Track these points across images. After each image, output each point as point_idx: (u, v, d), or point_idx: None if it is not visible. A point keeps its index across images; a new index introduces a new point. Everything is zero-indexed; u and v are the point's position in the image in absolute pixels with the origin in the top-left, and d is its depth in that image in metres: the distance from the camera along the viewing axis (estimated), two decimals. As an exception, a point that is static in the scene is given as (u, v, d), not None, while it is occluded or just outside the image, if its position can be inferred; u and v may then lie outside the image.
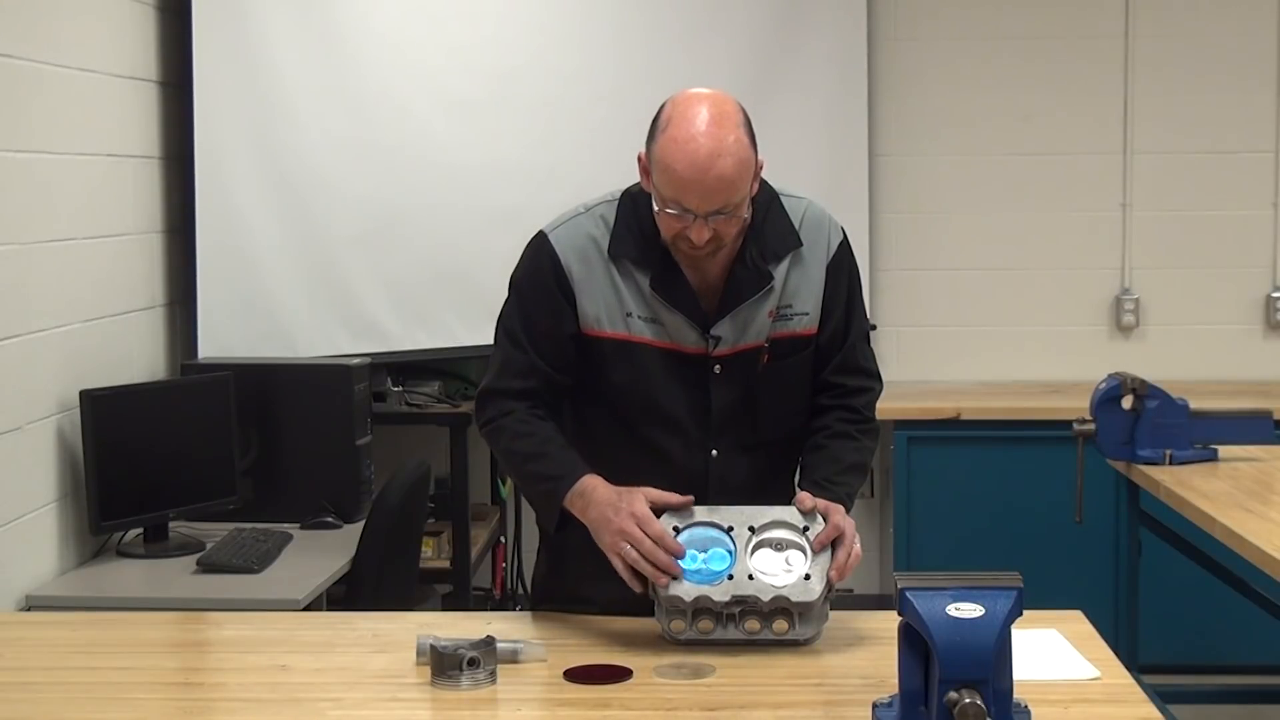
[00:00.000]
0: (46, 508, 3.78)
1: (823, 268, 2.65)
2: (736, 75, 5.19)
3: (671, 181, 2.45)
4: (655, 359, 2.60)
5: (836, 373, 2.69)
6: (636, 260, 2.59)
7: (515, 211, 4.85)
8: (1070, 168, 5.78)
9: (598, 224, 2.62)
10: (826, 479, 2.59)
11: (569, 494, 2.51)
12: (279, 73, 4.74)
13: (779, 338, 2.63)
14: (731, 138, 2.44)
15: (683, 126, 2.44)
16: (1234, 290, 5.78)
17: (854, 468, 2.65)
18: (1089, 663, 2.40)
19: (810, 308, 2.65)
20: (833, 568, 2.45)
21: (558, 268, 2.61)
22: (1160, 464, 3.96)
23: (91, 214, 4.07)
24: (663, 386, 2.61)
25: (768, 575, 2.44)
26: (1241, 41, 5.70)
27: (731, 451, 2.64)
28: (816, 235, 2.66)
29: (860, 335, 2.72)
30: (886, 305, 5.79)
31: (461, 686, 2.30)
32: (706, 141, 2.42)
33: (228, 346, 4.61)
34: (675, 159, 2.43)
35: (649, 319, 2.59)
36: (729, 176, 2.43)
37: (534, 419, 2.61)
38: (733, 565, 2.45)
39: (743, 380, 2.63)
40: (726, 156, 2.43)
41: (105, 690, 2.40)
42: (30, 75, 3.74)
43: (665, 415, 2.62)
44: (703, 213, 2.45)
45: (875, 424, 2.73)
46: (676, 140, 2.44)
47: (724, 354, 2.61)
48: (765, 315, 2.62)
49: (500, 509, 5.55)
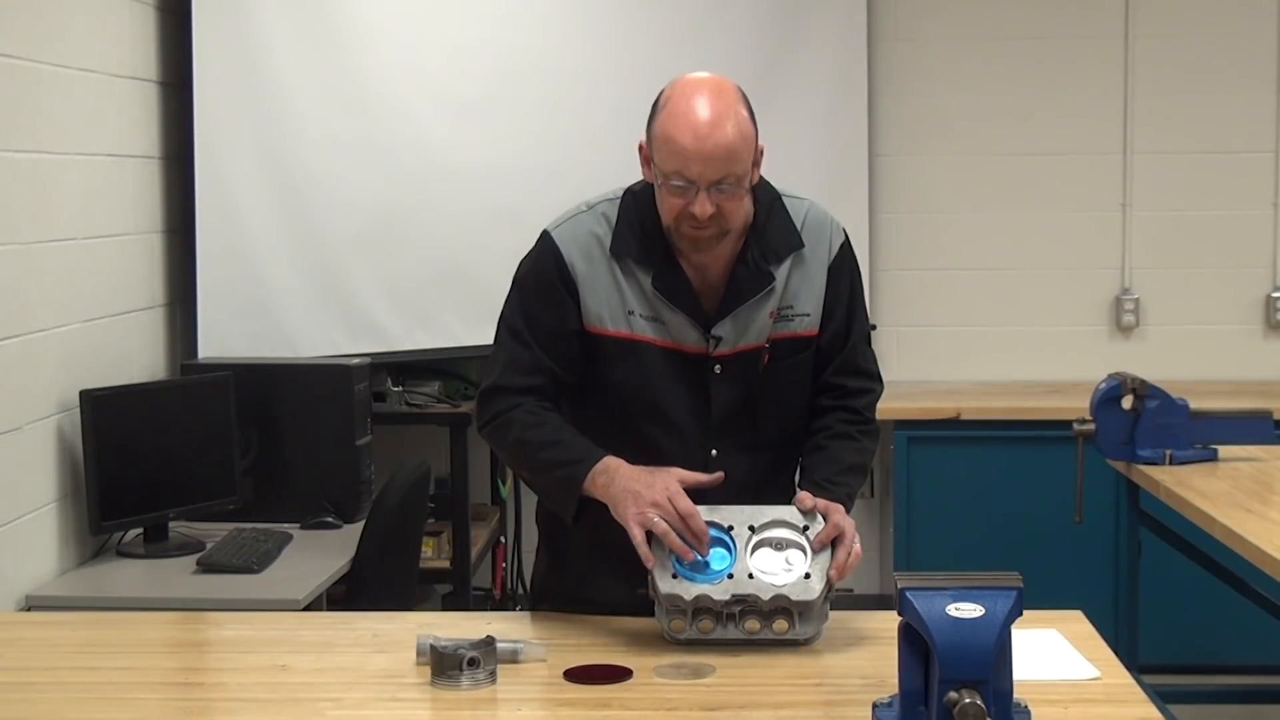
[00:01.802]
0: (46, 508, 3.78)
1: (824, 269, 2.65)
2: (736, 75, 5.10)
3: (673, 153, 2.45)
4: (656, 358, 2.60)
5: (837, 374, 2.69)
6: (639, 258, 2.59)
7: (515, 211, 4.86)
8: (1070, 168, 5.78)
9: (600, 222, 2.62)
10: (827, 479, 2.59)
11: (590, 474, 2.49)
12: (279, 73, 4.74)
13: (780, 338, 2.63)
14: (731, 108, 2.46)
15: (682, 101, 2.47)
16: (1234, 290, 5.78)
17: (854, 468, 2.65)
18: (1089, 663, 2.40)
19: (811, 309, 2.65)
20: (832, 567, 2.45)
21: (561, 264, 2.61)
22: (1160, 464, 3.96)
23: (91, 214, 4.07)
24: (663, 386, 2.61)
25: (768, 574, 2.44)
26: (1241, 41, 5.71)
27: (731, 451, 2.64)
28: (819, 237, 2.66)
29: (861, 337, 2.73)
30: (886, 305, 5.79)
31: (461, 686, 2.30)
32: (707, 112, 2.45)
33: (228, 346, 4.61)
34: (676, 129, 2.45)
35: (650, 318, 2.59)
36: (730, 143, 2.44)
37: (542, 410, 2.60)
38: (733, 564, 2.45)
39: (743, 380, 2.63)
40: (728, 123, 2.44)
41: (105, 690, 2.40)
42: (30, 75, 3.74)
43: (665, 414, 2.62)
44: (705, 183, 2.45)
45: (875, 425, 2.73)
46: (676, 113, 2.46)
47: (724, 354, 2.61)
48: (766, 316, 2.62)
49: (500, 509, 5.55)
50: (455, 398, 5.21)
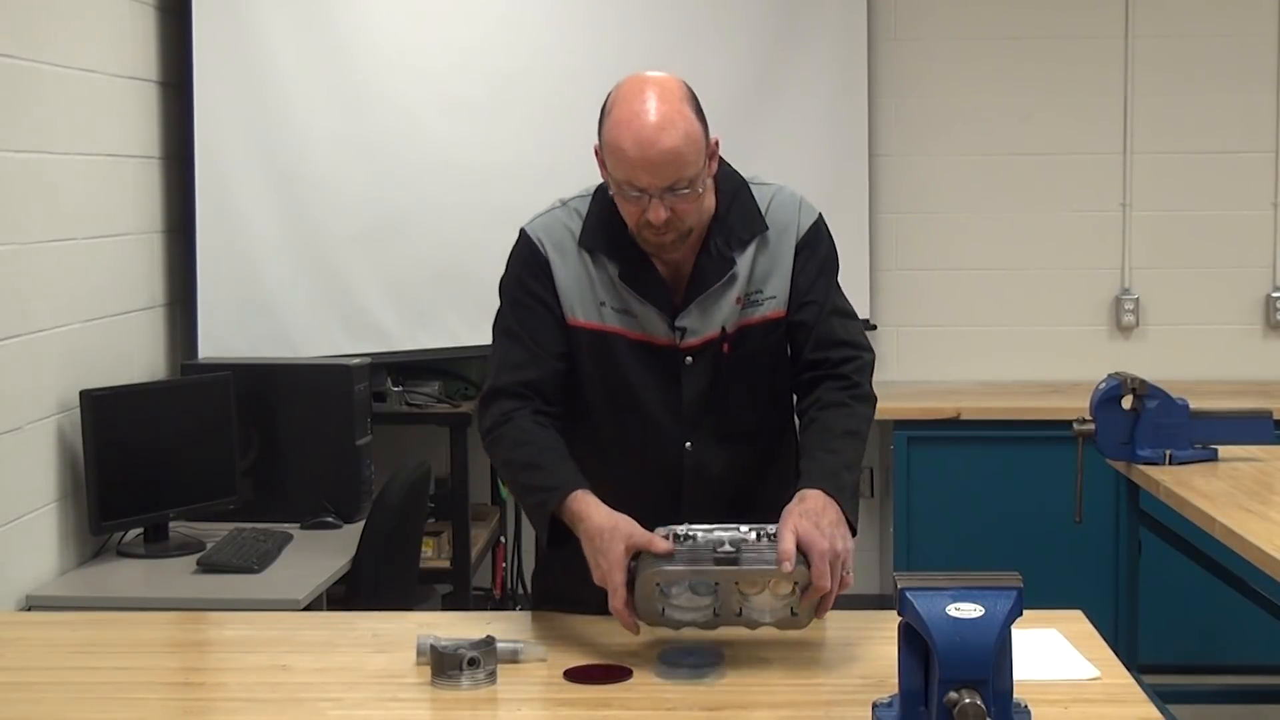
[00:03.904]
0: (46, 508, 3.78)
1: (792, 249, 2.62)
2: (737, 75, 5.20)
3: (621, 163, 2.45)
4: (627, 350, 2.60)
5: (816, 349, 2.63)
6: (608, 251, 2.59)
7: (515, 211, 4.78)
8: (1070, 168, 5.78)
9: (572, 216, 2.65)
10: (822, 448, 2.51)
11: (562, 506, 2.44)
12: (279, 73, 4.74)
13: (749, 324, 2.61)
14: (675, 111, 2.44)
15: (626, 107, 2.45)
16: (1234, 290, 5.78)
17: (848, 434, 2.55)
18: (1089, 663, 2.40)
19: (778, 291, 2.62)
20: (818, 613, 2.37)
21: (538, 256, 2.63)
22: (1160, 464, 3.96)
23: (91, 214, 4.08)
24: (635, 378, 2.61)
25: (755, 614, 2.37)
26: (1241, 41, 5.71)
27: (706, 443, 2.63)
28: (785, 219, 2.63)
29: (835, 311, 2.65)
30: (886, 305, 5.79)
31: (461, 686, 2.30)
32: (650, 118, 2.42)
33: (228, 346, 4.61)
34: (622, 139, 2.44)
35: (620, 310, 2.60)
36: (677, 149, 2.43)
37: (534, 426, 2.57)
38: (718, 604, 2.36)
39: (713, 370, 2.62)
40: (671, 130, 2.42)
41: (105, 690, 2.40)
42: (30, 75, 3.74)
43: (639, 407, 2.61)
44: (655, 190, 2.45)
45: (868, 390, 2.64)
46: (620, 121, 2.45)
47: (694, 345, 2.60)
48: (733, 302, 2.60)
49: (500, 509, 5.55)
50: (455, 398, 5.21)
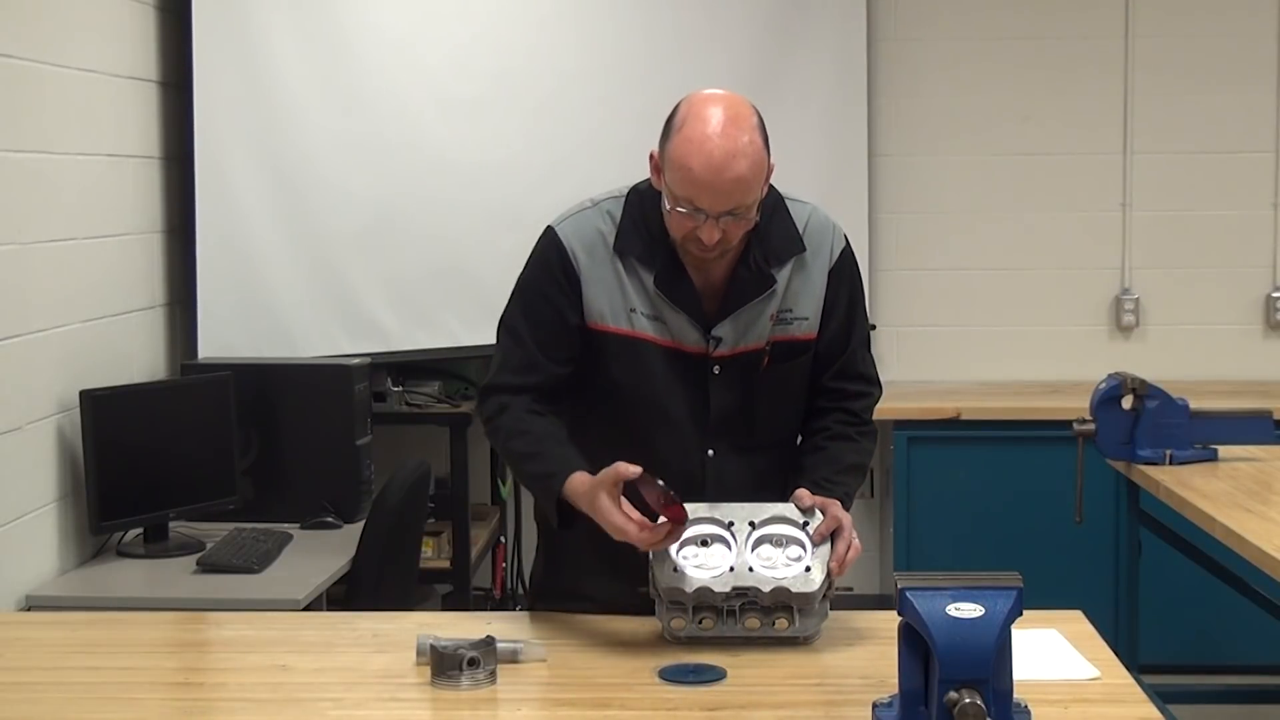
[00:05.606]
0: (46, 508, 3.78)
1: (825, 274, 2.66)
2: (736, 75, 5.19)
3: (686, 181, 2.45)
4: (656, 356, 2.61)
5: (837, 378, 2.70)
6: (642, 257, 2.59)
7: (515, 211, 4.86)
8: (1070, 168, 5.78)
9: (605, 219, 2.63)
10: (826, 479, 2.60)
11: (564, 488, 2.48)
12: (279, 73, 4.74)
13: (778, 341, 2.64)
14: (746, 139, 2.44)
15: (698, 126, 2.44)
16: (1234, 290, 5.78)
17: (853, 469, 2.66)
18: (1089, 663, 2.40)
19: (810, 313, 2.65)
20: (832, 559, 2.46)
21: (564, 258, 2.61)
22: (1160, 464, 3.96)
23: (91, 214, 4.07)
24: (662, 384, 2.61)
25: (768, 568, 2.45)
26: (1241, 41, 5.71)
27: (728, 452, 2.65)
28: (820, 241, 2.66)
29: (861, 342, 2.73)
30: (886, 305, 5.79)
31: (461, 686, 2.30)
32: (722, 142, 2.42)
33: (228, 346, 4.60)
34: (690, 159, 2.43)
35: (652, 316, 2.60)
36: (744, 178, 2.43)
37: (529, 415, 2.59)
38: (734, 558, 2.45)
39: (741, 382, 2.63)
40: (742, 158, 2.43)
41: (105, 690, 2.40)
42: (30, 75, 3.74)
43: (664, 413, 2.62)
44: (715, 213, 2.45)
45: (873, 428, 2.75)
46: (692, 140, 2.44)
47: (724, 355, 2.61)
48: (767, 318, 2.62)
49: (500, 509, 5.55)
50: (455, 398, 5.21)
